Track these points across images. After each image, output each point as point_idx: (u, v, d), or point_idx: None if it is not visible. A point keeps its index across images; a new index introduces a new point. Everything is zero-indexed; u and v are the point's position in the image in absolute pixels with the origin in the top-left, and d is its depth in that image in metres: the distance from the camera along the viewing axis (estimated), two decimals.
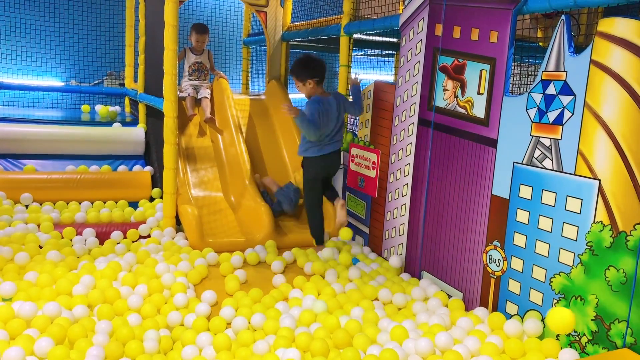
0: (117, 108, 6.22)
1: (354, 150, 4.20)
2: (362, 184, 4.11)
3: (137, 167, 4.97)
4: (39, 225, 3.85)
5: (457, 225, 3.14)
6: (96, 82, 6.86)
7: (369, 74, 7.42)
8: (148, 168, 4.95)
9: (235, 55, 7.15)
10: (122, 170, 4.91)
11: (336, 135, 3.77)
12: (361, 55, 6.94)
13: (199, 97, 5.09)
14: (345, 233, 3.87)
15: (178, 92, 4.84)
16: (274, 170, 4.85)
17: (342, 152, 4.33)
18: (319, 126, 3.58)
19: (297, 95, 7.52)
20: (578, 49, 2.43)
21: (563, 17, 2.46)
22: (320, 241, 3.95)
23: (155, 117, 4.94)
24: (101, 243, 3.77)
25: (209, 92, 5.14)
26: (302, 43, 5.79)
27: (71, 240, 3.73)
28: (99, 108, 6.03)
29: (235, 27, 7.21)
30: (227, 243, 3.86)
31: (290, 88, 6.20)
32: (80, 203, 4.40)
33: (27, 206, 4.24)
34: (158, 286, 2.99)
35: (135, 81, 5.93)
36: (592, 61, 2.33)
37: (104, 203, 4.46)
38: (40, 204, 4.26)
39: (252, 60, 6.79)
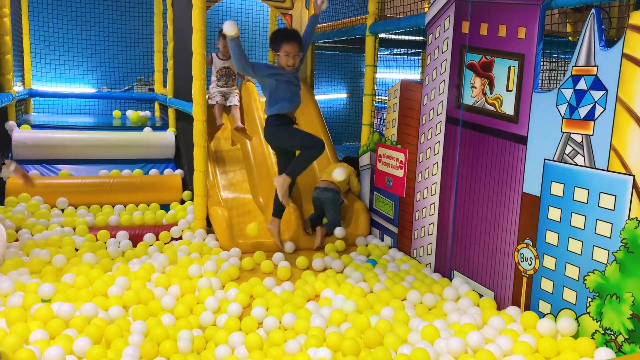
0: (148, 113, 6.35)
1: (381, 150, 4.19)
2: (389, 184, 4.10)
3: (167, 171, 5.06)
4: (74, 229, 3.96)
5: (488, 223, 3.11)
6: (126, 88, 7.02)
7: (395, 73, 7.39)
8: (179, 171, 5.04)
9: (262, 58, 7.22)
10: (154, 173, 5.00)
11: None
12: (387, 54, 6.92)
13: (228, 104, 5.10)
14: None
15: (207, 98, 4.91)
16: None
17: (369, 153, 4.35)
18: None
19: (324, 97, 7.54)
20: (609, 43, 2.38)
21: (593, 10, 2.42)
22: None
23: (184, 121, 5.02)
24: (134, 245, 3.85)
25: (238, 98, 5.14)
26: (327, 44, 5.81)
27: (105, 242, 3.82)
28: (130, 113, 6.16)
29: (262, 31, 7.27)
30: (257, 244, 3.89)
31: (316, 89, 6.22)
32: (113, 206, 4.50)
33: (62, 210, 4.36)
34: (190, 287, 3.05)
35: (165, 86, 6.04)
36: (623, 55, 2.28)
37: (137, 206, 4.55)
38: (76, 208, 4.38)
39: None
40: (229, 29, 3.37)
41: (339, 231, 4.07)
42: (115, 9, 6.86)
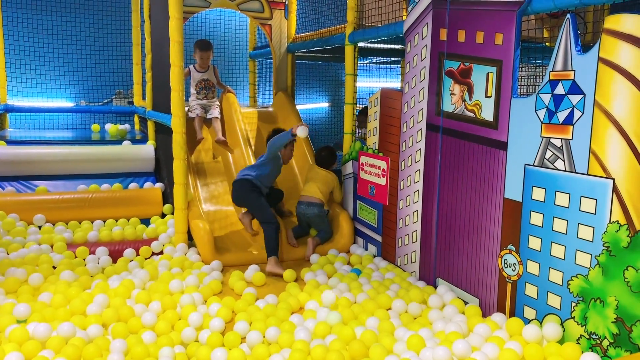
0: (127, 126, 6.27)
1: (363, 159, 4.18)
2: (372, 192, 4.08)
3: (147, 184, 4.99)
4: (52, 246, 3.87)
5: (471, 230, 3.10)
6: (105, 101, 6.93)
7: (376, 82, 7.41)
8: (159, 184, 4.97)
9: (242, 69, 7.19)
10: (133, 187, 4.93)
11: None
12: (367, 63, 6.93)
13: (209, 117, 5.04)
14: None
15: (187, 111, 4.86)
16: (284, 181, 4.84)
17: (351, 161, 4.33)
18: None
19: (306, 106, 7.53)
20: (585, 48, 2.40)
21: (568, 16, 2.43)
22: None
23: (164, 133, 4.96)
24: (114, 261, 3.78)
25: (219, 111, 5.09)
26: (307, 54, 5.80)
27: (84, 259, 3.74)
28: (109, 127, 6.07)
29: (241, 41, 7.25)
30: (239, 257, 3.84)
31: (298, 99, 6.21)
32: (92, 222, 4.42)
33: (40, 227, 4.26)
34: (172, 303, 2.98)
35: (144, 99, 5.97)
36: (600, 59, 2.30)
37: (116, 221, 4.47)
38: (53, 225, 4.28)
39: (259, 72, 6.81)
40: (303, 133, 3.92)
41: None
42: (93, 22, 6.78)
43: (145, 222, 4.52)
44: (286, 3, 5.63)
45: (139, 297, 3.04)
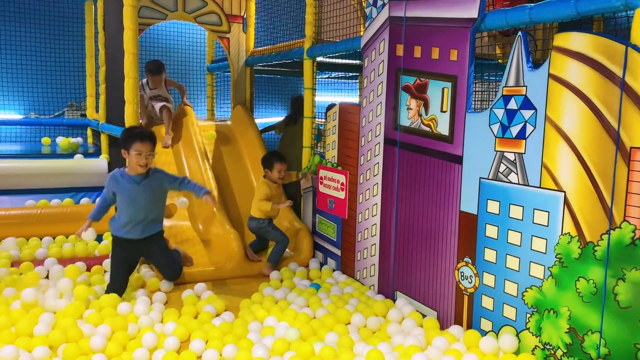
0: (79, 139, 6.10)
1: (322, 172, 4.17)
2: (331, 206, 4.08)
3: None
4: None
5: (428, 243, 3.13)
6: (57, 113, 6.72)
7: (335, 96, 7.46)
8: None
9: (200, 82, 7.11)
10: (85, 202, 4.78)
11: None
12: (326, 77, 6.98)
13: (157, 109, 4.90)
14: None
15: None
16: (242, 195, 4.79)
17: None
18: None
19: (265, 120, 7.51)
20: (536, 64, 2.47)
21: (520, 33, 2.50)
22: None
23: (118, 147, 4.83)
24: None
25: (170, 106, 4.96)
26: (266, 67, 5.79)
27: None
28: (60, 140, 5.89)
29: (199, 54, 7.18)
30: (196, 273, 3.75)
31: (256, 113, 6.19)
32: (41, 239, 4.24)
33: None
34: (124, 323, 2.87)
35: (97, 111, 5.82)
36: (550, 75, 2.36)
37: (67, 237, 4.31)
38: None
39: (217, 86, 6.75)
40: (182, 205, 3.90)
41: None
42: (44, 32, 6.59)
43: (98, 238, 4.37)
44: (244, 17, 5.62)
45: (90, 318, 2.91)
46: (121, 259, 3.36)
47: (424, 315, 3.11)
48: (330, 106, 4.06)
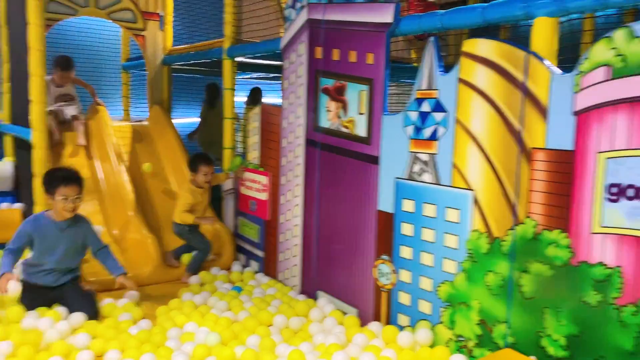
0: None
1: (244, 174, 4.14)
2: (253, 208, 4.05)
3: (5, 205, 4.53)
4: None
5: (348, 242, 3.18)
6: None
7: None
8: (18, 205, 4.53)
9: (115, 81, 6.82)
10: None
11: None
12: (247, 78, 6.91)
13: (67, 117, 4.67)
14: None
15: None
16: (160, 198, 4.65)
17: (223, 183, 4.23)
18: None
19: (183, 120, 7.32)
20: (447, 68, 2.58)
21: (432, 38, 2.60)
22: None
23: (25, 149, 4.54)
24: None
25: (79, 110, 4.74)
26: (185, 67, 5.66)
27: None
28: None
29: (113, 52, 6.88)
30: (110, 281, 3.59)
31: (175, 113, 6.02)
32: None
33: None
34: (31, 336, 2.70)
35: (1, 111, 5.43)
36: (459, 79, 2.48)
37: None
38: None
39: (134, 85, 6.51)
40: None
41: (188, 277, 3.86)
42: None
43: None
44: (161, 14, 5.45)
45: None
46: (32, 306, 3.04)
47: (345, 313, 3.16)
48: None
